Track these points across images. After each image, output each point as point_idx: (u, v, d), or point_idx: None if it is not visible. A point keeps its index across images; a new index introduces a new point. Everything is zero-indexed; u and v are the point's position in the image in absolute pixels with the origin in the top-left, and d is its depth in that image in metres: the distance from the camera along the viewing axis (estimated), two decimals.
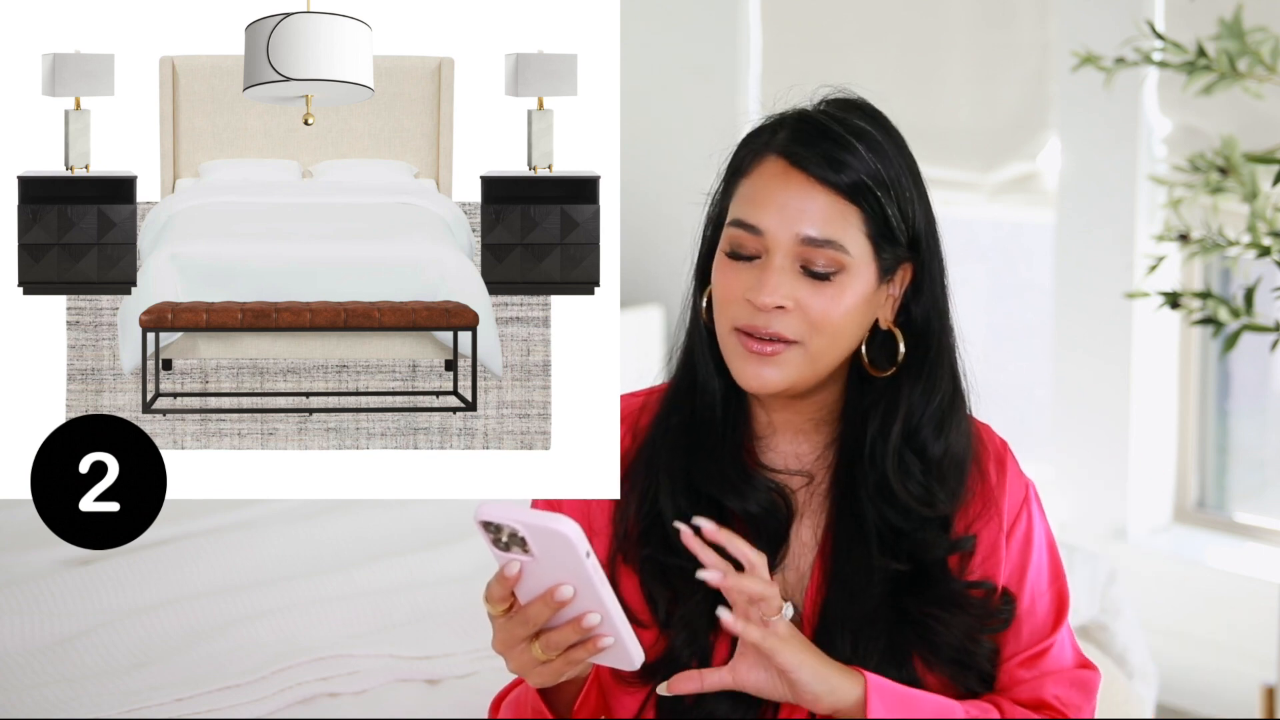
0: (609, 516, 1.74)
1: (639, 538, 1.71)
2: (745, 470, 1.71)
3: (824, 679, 1.63)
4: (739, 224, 1.66)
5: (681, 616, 1.68)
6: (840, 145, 1.65)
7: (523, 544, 1.49)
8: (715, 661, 1.68)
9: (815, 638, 1.69)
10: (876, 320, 1.70)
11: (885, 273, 1.68)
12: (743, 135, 1.72)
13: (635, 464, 1.75)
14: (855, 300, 1.66)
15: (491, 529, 1.50)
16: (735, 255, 1.67)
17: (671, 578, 1.69)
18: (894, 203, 1.66)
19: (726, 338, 1.68)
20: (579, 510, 1.74)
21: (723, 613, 1.59)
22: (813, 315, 1.64)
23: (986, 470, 1.75)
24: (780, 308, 1.64)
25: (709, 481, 1.70)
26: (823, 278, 1.64)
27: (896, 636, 1.69)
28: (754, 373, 1.66)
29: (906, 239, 1.68)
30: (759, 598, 1.60)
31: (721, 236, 1.69)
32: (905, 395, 1.70)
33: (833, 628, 1.69)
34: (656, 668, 1.67)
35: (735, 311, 1.66)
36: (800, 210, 1.64)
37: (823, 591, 1.71)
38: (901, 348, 1.70)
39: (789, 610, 1.62)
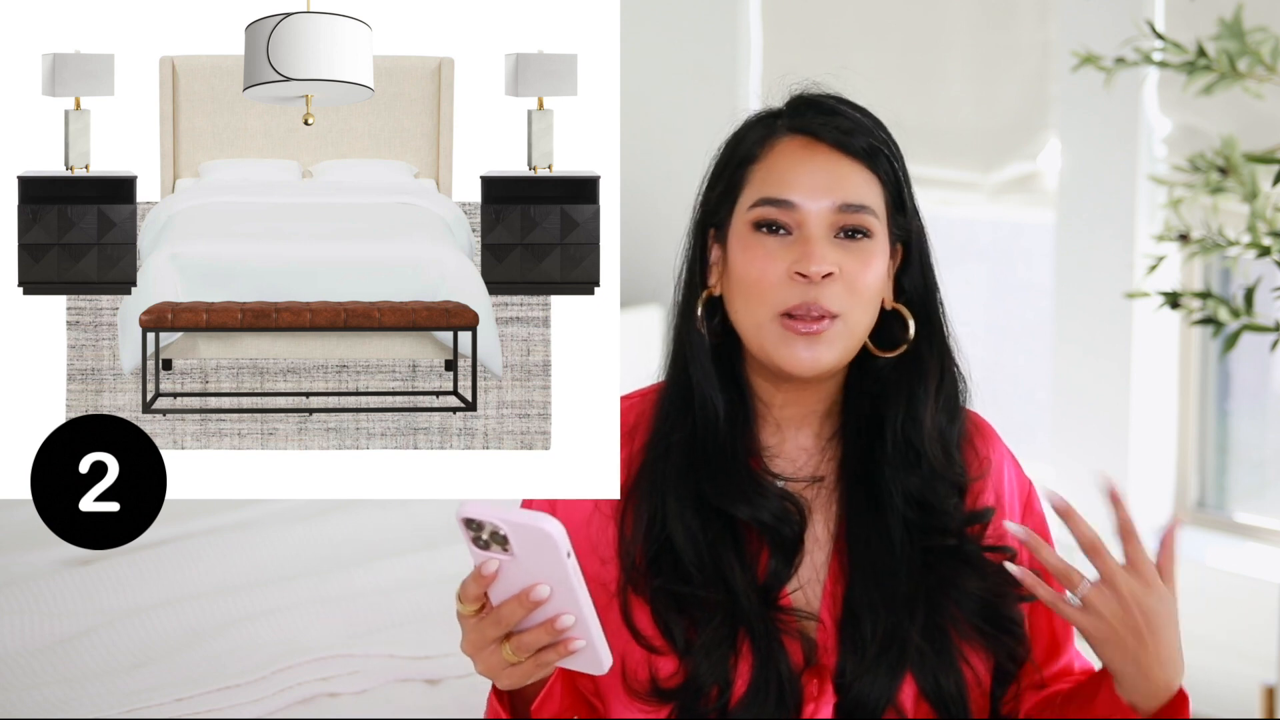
0: (615, 548, 1.72)
1: (647, 567, 1.69)
2: (755, 479, 1.70)
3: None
4: (767, 201, 1.67)
5: (702, 644, 1.66)
6: (846, 118, 1.69)
7: (504, 543, 1.47)
8: (737, 684, 1.66)
9: (839, 628, 1.69)
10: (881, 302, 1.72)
11: (890, 246, 1.71)
12: (729, 133, 1.73)
13: (634, 491, 1.73)
14: (880, 267, 1.68)
15: (473, 526, 1.48)
16: (766, 227, 1.67)
17: (686, 605, 1.67)
18: (901, 170, 1.70)
19: (768, 326, 1.67)
20: (585, 543, 1.71)
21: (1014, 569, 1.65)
22: (851, 279, 1.66)
23: (974, 442, 1.77)
24: (829, 275, 1.65)
25: (720, 495, 1.69)
26: (853, 238, 1.67)
27: (931, 609, 1.69)
28: (804, 355, 1.66)
29: (909, 208, 1.71)
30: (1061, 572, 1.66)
31: (733, 222, 1.69)
32: (927, 374, 1.72)
33: (860, 615, 1.68)
34: (677, 694, 1.66)
35: (782, 295, 1.66)
36: (832, 178, 1.67)
37: (842, 582, 1.70)
38: (912, 325, 1.72)
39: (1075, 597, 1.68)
